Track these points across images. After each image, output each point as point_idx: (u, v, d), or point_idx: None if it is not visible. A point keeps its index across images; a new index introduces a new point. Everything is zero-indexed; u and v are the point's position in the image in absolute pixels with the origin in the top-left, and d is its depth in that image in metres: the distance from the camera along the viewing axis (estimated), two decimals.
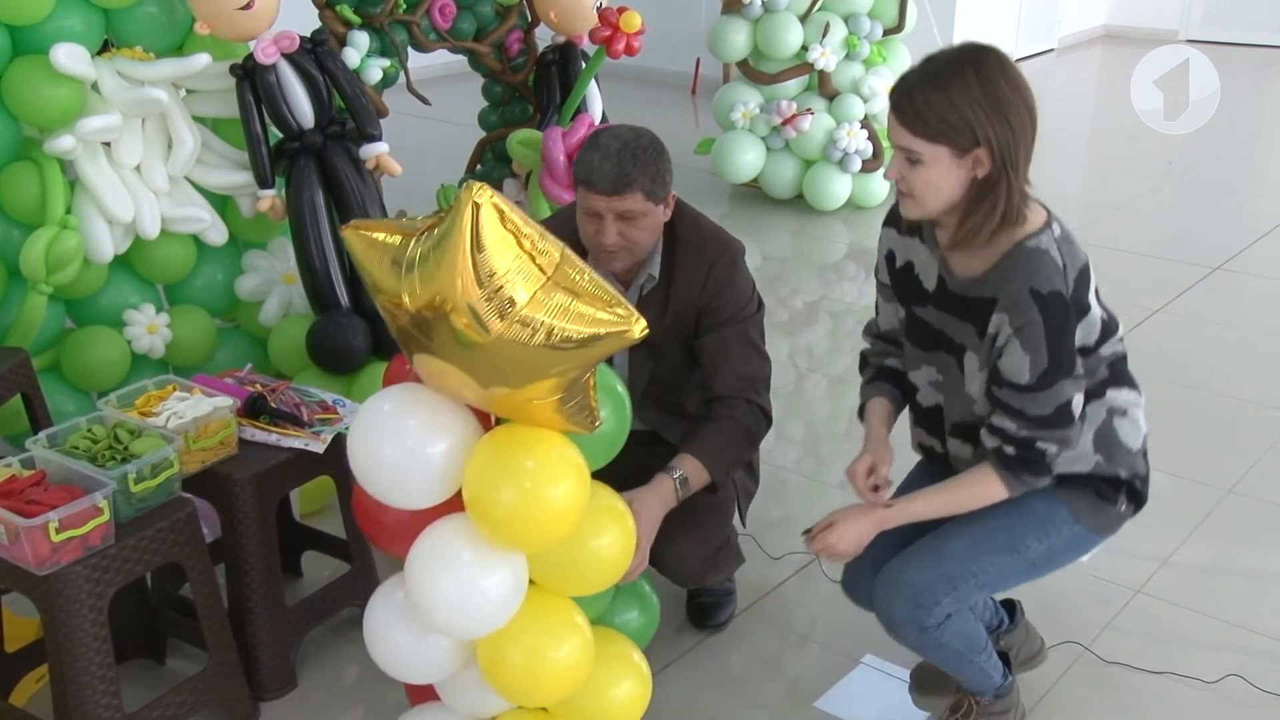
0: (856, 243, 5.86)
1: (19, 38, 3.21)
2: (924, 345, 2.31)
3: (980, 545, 2.27)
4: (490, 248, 1.63)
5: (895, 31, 6.15)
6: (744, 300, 2.63)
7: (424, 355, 1.83)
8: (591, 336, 1.70)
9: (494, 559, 1.92)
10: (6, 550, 2.18)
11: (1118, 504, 2.29)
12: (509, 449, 1.89)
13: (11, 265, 3.32)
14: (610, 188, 2.39)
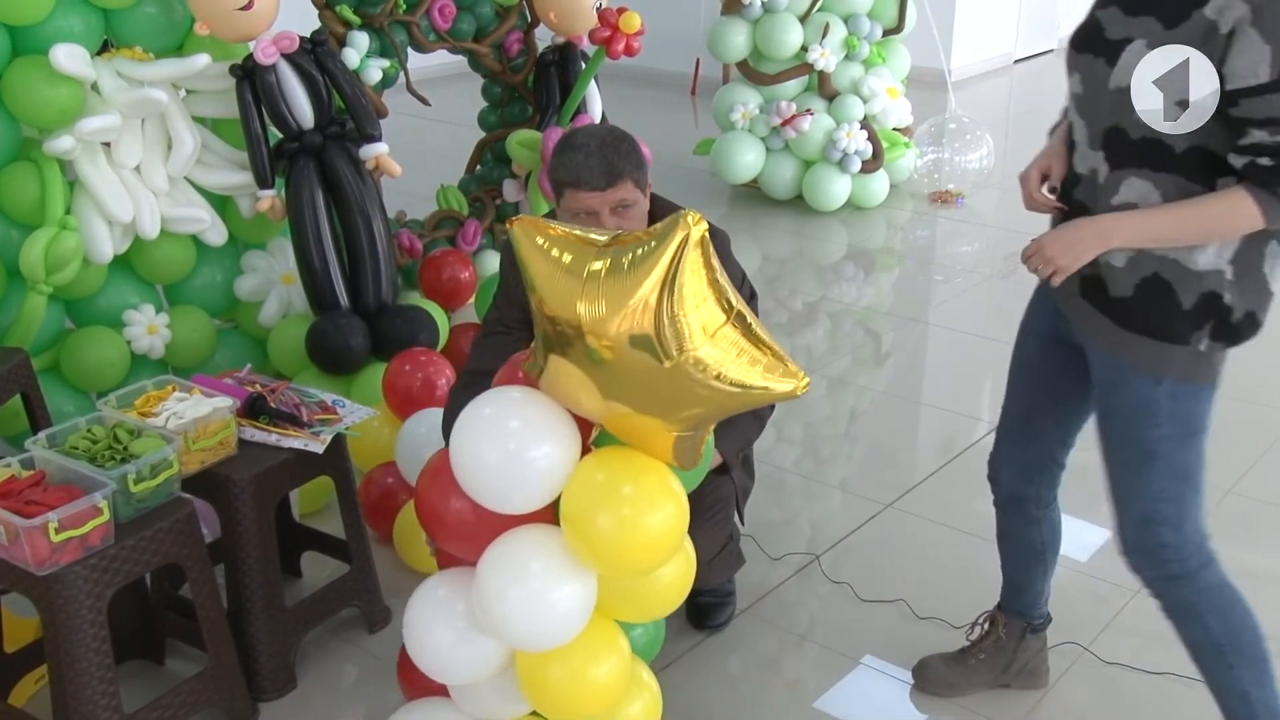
0: (856, 243, 5.86)
1: (18, 38, 3.22)
2: (1079, 48, 2.06)
3: (1129, 474, 2.17)
4: (688, 278, 1.66)
5: (895, 32, 6.16)
6: (735, 286, 2.62)
7: (559, 359, 1.83)
8: (757, 385, 1.72)
9: (568, 574, 1.92)
10: (6, 551, 2.18)
11: (1191, 343, 2.03)
12: (617, 471, 1.89)
13: (11, 265, 3.32)
14: (604, 181, 2.43)
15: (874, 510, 3.50)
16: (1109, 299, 2.08)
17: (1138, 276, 2.02)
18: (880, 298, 5.30)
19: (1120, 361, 2.11)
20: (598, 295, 1.70)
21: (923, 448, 4.01)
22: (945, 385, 4.45)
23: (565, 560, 1.93)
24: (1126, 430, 2.14)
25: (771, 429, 4.00)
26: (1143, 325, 2.05)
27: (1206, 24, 1.82)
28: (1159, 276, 2.01)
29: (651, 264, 1.65)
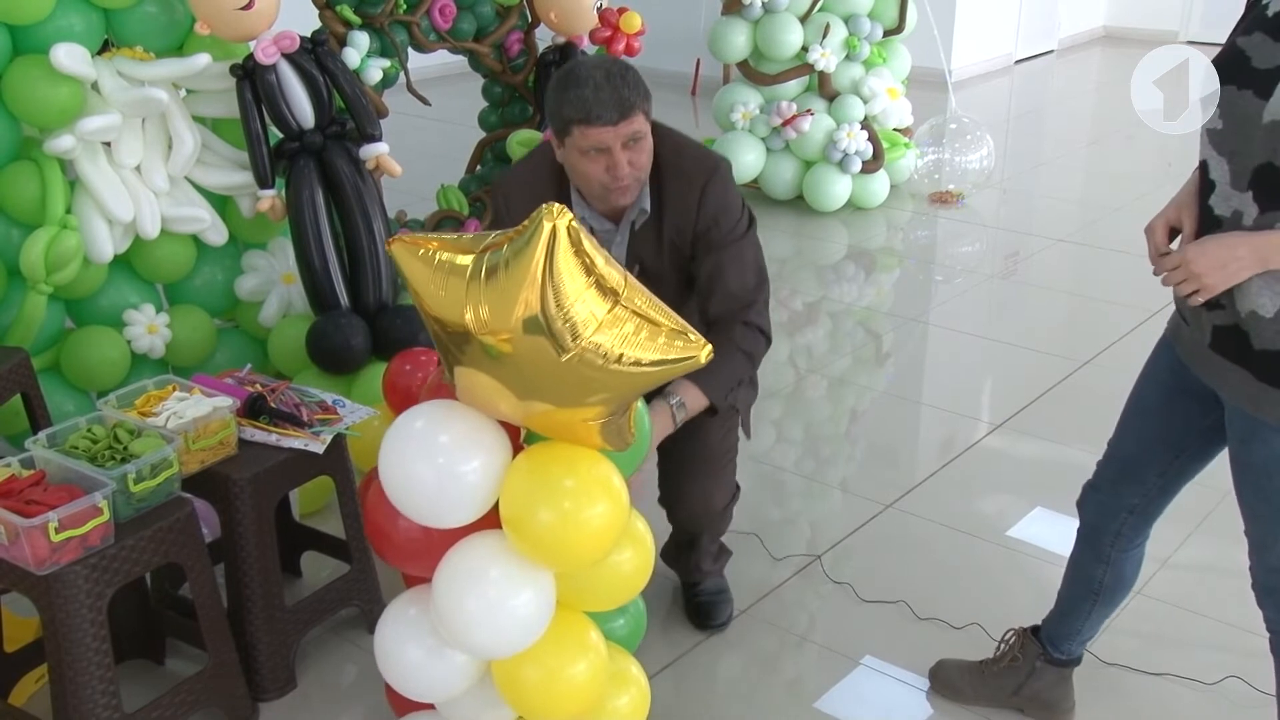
0: (856, 244, 5.86)
1: (19, 37, 3.21)
2: (1221, 78, 1.90)
3: (1263, 524, 2.08)
4: (563, 269, 1.64)
5: (895, 32, 6.16)
6: (735, 220, 2.59)
7: (464, 369, 1.83)
8: (658, 361, 1.72)
9: (523, 578, 1.92)
10: (6, 550, 2.18)
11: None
12: (549, 467, 1.89)
13: (11, 265, 3.32)
14: (617, 115, 2.34)
15: (875, 510, 3.50)
16: (1251, 351, 1.92)
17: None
18: (881, 298, 5.30)
19: (1258, 417, 1.97)
20: (481, 300, 1.70)
21: (923, 448, 4.01)
22: (946, 386, 4.45)
23: (518, 563, 1.92)
24: (1262, 483, 2.03)
25: (771, 429, 4.01)
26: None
27: None
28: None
29: (525, 263, 1.64)
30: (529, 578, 1.92)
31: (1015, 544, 3.31)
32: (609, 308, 1.69)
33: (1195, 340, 2.05)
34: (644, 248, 2.61)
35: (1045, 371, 4.34)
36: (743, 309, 2.58)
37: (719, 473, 2.83)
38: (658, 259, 2.61)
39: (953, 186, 6.35)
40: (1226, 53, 1.91)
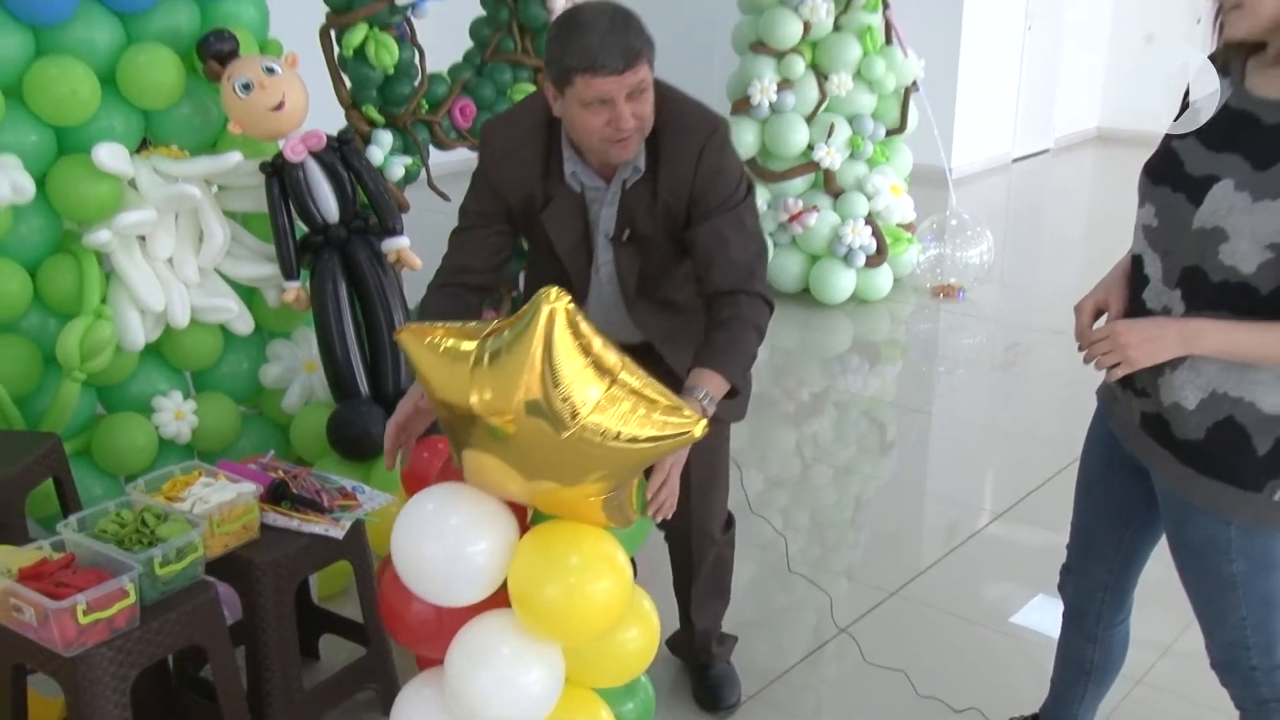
0: (860, 335, 5.90)
1: (64, 137, 3.29)
2: (1155, 179, 1.97)
3: (1208, 604, 2.09)
4: (560, 352, 1.69)
5: (897, 132, 6.24)
6: (735, 183, 2.41)
7: (472, 451, 1.86)
8: (655, 437, 1.76)
9: (533, 655, 1.94)
10: (35, 631, 2.18)
11: (1265, 490, 1.92)
12: (554, 545, 1.92)
13: (48, 353, 3.36)
14: (623, 63, 2.14)
15: (880, 598, 3.49)
16: (1175, 440, 1.97)
17: (1211, 420, 1.91)
18: (885, 389, 5.32)
19: (1186, 499, 2.00)
20: (484, 384, 1.74)
21: (927, 536, 4.00)
22: (948, 475, 4.46)
23: (528, 640, 1.94)
24: (1199, 563, 2.05)
25: (779, 516, 4.02)
26: (1212, 469, 1.94)
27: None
28: (1233, 420, 1.90)
29: (525, 346, 1.69)
30: (539, 655, 1.94)
31: (1017, 630, 3.29)
32: (606, 387, 1.73)
33: (1127, 418, 2.09)
34: (636, 208, 2.41)
35: (1045, 461, 4.35)
36: (747, 278, 2.40)
37: (715, 486, 2.80)
38: (649, 221, 2.42)
39: (954, 280, 6.40)
40: (1161, 153, 1.99)
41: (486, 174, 2.44)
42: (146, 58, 3.33)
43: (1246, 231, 1.78)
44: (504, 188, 2.41)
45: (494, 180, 2.43)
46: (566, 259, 2.48)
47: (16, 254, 3.30)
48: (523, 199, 2.41)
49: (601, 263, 2.51)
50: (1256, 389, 1.87)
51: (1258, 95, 1.86)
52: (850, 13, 5.94)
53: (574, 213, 2.43)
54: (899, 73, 6.11)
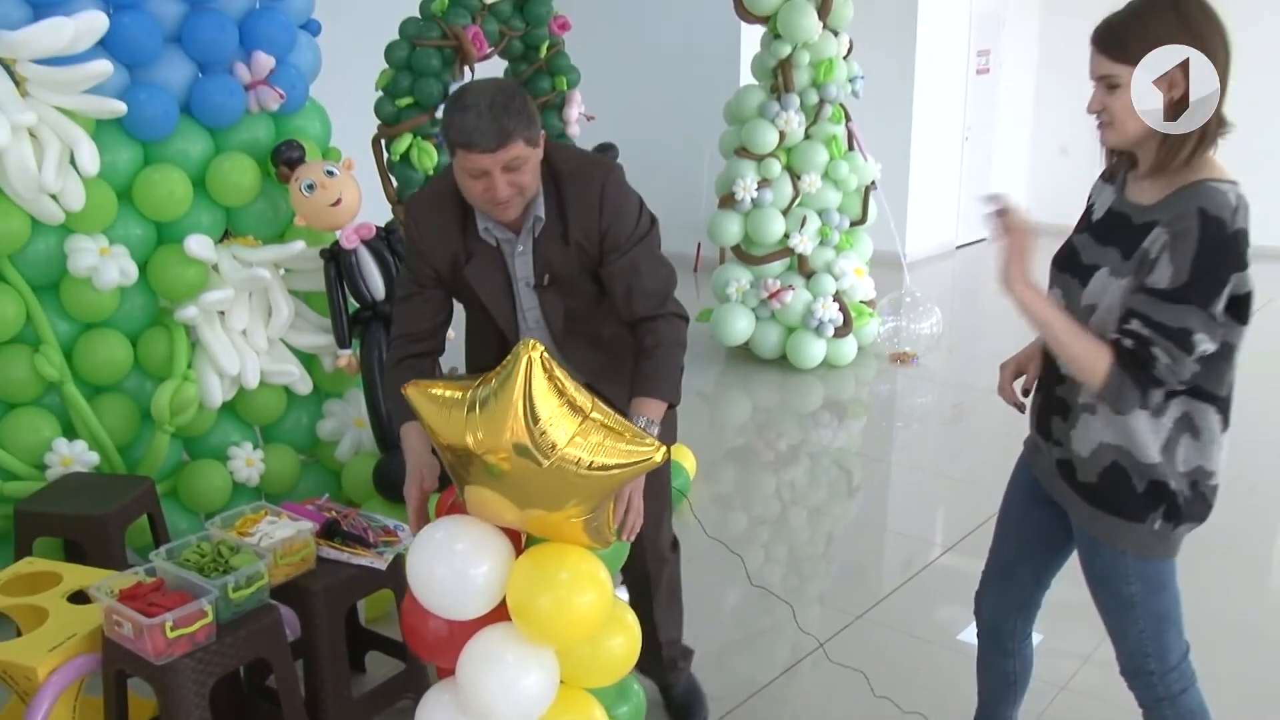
0: (830, 395, 5.92)
1: (162, 230, 3.37)
2: (1060, 267, 2.07)
3: (1114, 619, 2.13)
4: (538, 394, 1.74)
5: (860, 223, 6.28)
6: (638, 217, 2.31)
7: (473, 486, 1.90)
8: (622, 464, 1.79)
9: (532, 660, 1.96)
10: (132, 643, 2.21)
11: (1147, 521, 2.00)
12: (546, 563, 1.95)
13: (144, 409, 3.42)
14: (493, 143, 2.04)
15: (847, 620, 3.50)
16: (1080, 484, 2.07)
17: (1100, 466, 2.01)
18: (851, 441, 5.33)
19: (1091, 533, 2.08)
20: (477, 426, 1.78)
21: (887, 566, 4.01)
22: (906, 514, 4.47)
23: (526, 646, 1.96)
24: (1104, 586, 2.11)
25: (760, 550, 4.03)
26: (1106, 505, 2.03)
27: (1143, 253, 1.87)
28: (1117, 464, 1.99)
29: (509, 391, 1.74)
30: (537, 659, 1.96)
31: (963, 647, 3.27)
32: (579, 423, 1.76)
33: (1047, 464, 2.14)
34: (550, 254, 2.29)
35: (988, 502, 4.25)
36: (662, 303, 2.32)
37: (663, 509, 2.68)
38: (566, 264, 2.29)
39: (909, 349, 6.41)
40: (1065, 247, 2.09)
41: (413, 243, 2.32)
42: (231, 164, 3.42)
43: (1106, 305, 1.91)
44: (430, 252, 2.29)
45: (420, 248, 2.31)
46: (493, 308, 2.35)
47: (121, 326, 3.37)
48: (448, 260, 2.29)
49: (527, 308, 2.37)
50: (1131, 438, 1.96)
51: (1131, 200, 1.96)
52: (819, 124, 6.03)
53: (493, 265, 2.30)
54: (860, 174, 6.16)
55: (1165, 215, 1.84)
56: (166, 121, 3.29)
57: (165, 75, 3.32)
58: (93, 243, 3.18)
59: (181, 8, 3.35)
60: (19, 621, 2.50)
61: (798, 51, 5.85)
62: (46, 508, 2.99)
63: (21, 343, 3.23)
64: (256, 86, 3.45)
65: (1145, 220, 1.89)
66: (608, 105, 6.99)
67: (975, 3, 9.35)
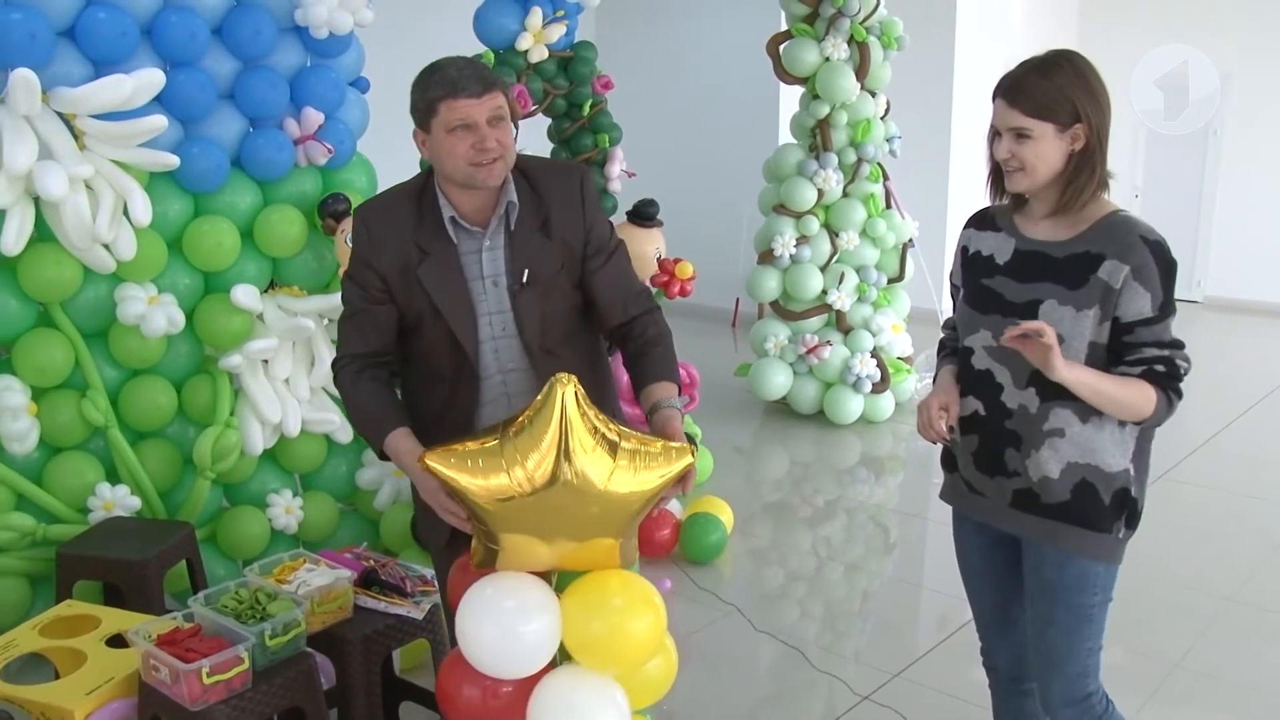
0: (868, 451, 5.88)
1: (209, 280, 3.41)
2: (984, 310, 2.18)
3: (1069, 636, 2.19)
4: (575, 421, 1.77)
5: (897, 280, 6.29)
6: (607, 220, 2.30)
7: (509, 535, 1.87)
8: (659, 480, 1.85)
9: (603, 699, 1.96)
10: (168, 688, 2.21)
11: (1113, 531, 2.14)
12: (592, 593, 1.96)
13: (186, 455, 3.44)
14: (481, 87, 2.02)
15: (885, 679, 3.43)
16: (1045, 505, 2.14)
17: (1071, 483, 2.11)
18: (888, 497, 5.28)
19: (1061, 548, 2.15)
20: (515, 463, 1.77)
21: (924, 624, 3.94)
22: (942, 571, 4.38)
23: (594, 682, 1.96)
24: (1070, 600, 2.17)
25: (796, 606, 3.98)
26: (1078, 519, 2.13)
27: (1102, 284, 2.02)
28: (1086, 480, 2.11)
29: (544, 422, 1.76)
30: (608, 697, 1.95)
31: None
32: (614, 452, 1.79)
33: (995, 503, 2.22)
34: (530, 248, 2.17)
35: None
36: (649, 300, 2.31)
37: None
38: (548, 260, 2.17)
39: None
40: (976, 291, 2.21)
41: (361, 252, 2.18)
42: (278, 216, 3.46)
43: (1076, 334, 2.04)
44: (378, 259, 2.14)
45: (368, 256, 2.16)
46: (450, 315, 2.15)
47: (167, 373, 3.40)
48: (398, 263, 2.13)
49: (493, 313, 2.19)
50: (1099, 455, 2.09)
51: (1038, 238, 2.13)
52: (857, 182, 6.06)
53: (450, 264, 2.14)
54: (897, 231, 6.18)
55: (1106, 248, 2.02)
56: (217, 174, 3.35)
57: (217, 130, 3.38)
58: (142, 291, 3.23)
59: (235, 65, 3.42)
60: (57, 664, 2.50)
61: (836, 112, 5.90)
62: (87, 551, 3.00)
63: (69, 388, 3.27)
64: (305, 141, 3.51)
65: (1071, 253, 2.06)
66: (649, 163, 7.05)
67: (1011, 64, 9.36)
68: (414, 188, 2.21)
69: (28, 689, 2.33)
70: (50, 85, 2.98)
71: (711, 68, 8.73)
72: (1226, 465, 5.44)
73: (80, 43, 3.09)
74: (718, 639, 3.65)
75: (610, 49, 7.08)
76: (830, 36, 5.79)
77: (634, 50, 8.96)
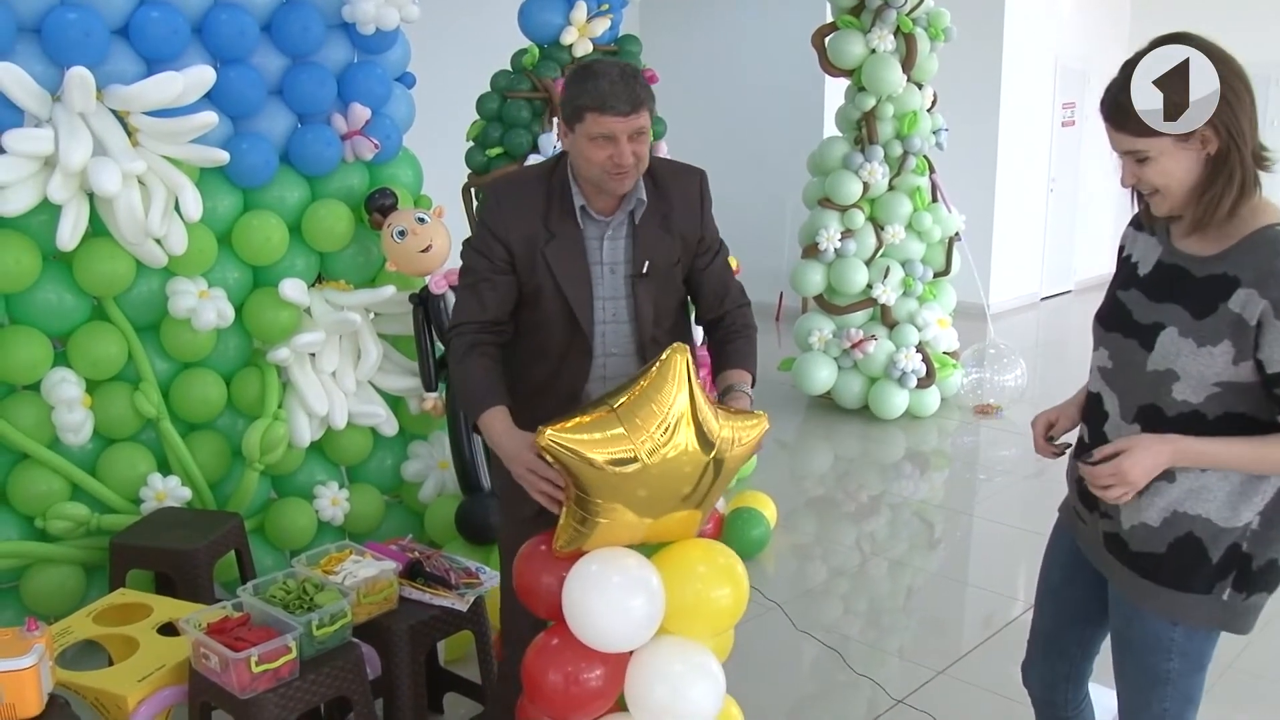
0: (913, 446, 5.83)
1: (258, 274, 3.46)
2: (1107, 326, 1.94)
3: (1137, 694, 1.99)
4: (698, 391, 1.87)
5: (943, 274, 6.23)
6: (716, 225, 2.41)
7: (609, 505, 1.88)
8: (751, 440, 1.96)
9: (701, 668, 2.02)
10: (218, 676, 2.23)
11: (1214, 592, 1.85)
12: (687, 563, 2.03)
13: (235, 447, 3.48)
14: (629, 107, 2.08)
15: (929, 676, 3.40)
16: (1134, 554, 1.92)
17: (1173, 536, 1.86)
18: (933, 493, 5.23)
19: (1142, 607, 1.93)
20: (639, 429, 1.83)
21: (969, 622, 3.90)
22: (988, 568, 4.35)
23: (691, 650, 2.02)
24: (1140, 659, 1.97)
25: (839, 602, 3.95)
26: (1168, 579, 1.87)
27: (1233, 317, 1.72)
28: (1193, 535, 1.84)
29: (668, 387, 1.85)
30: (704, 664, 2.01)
31: None
32: (717, 412, 1.91)
33: (1091, 535, 2.02)
34: (653, 240, 2.29)
35: None
36: (743, 294, 2.44)
37: None
38: (667, 253, 2.30)
39: (993, 400, 6.31)
40: (1110, 303, 1.96)
41: (489, 224, 2.26)
42: (326, 211, 3.50)
43: (1194, 373, 1.77)
44: (507, 233, 2.22)
45: (496, 228, 2.23)
46: (570, 294, 2.24)
47: (216, 366, 3.45)
48: (525, 241, 2.22)
49: (607, 298, 2.29)
50: (1210, 505, 1.82)
51: (1184, 251, 1.84)
52: (902, 175, 6.00)
53: (574, 248, 2.25)
54: (944, 225, 6.12)
55: (1243, 272, 1.72)
56: (266, 170, 3.39)
57: (266, 125, 3.42)
58: (193, 285, 3.27)
59: (284, 62, 3.45)
60: (111, 650, 2.55)
61: (882, 104, 5.84)
62: (140, 541, 3.05)
63: (123, 380, 3.32)
64: (352, 136, 3.54)
65: (1210, 273, 1.77)
66: (694, 156, 7.01)
67: (1060, 56, 9.24)
68: (546, 168, 2.30)
69: (82, 675, 2.37)
70: (104, 83, 3.03)
71: (756, 60, 8.68)
72: None
73: (133, 41, 3.14)
74: (759, 636, 3.64)
75: (654, 42, 7.07)
76: (876, 28, 5.73)
77: (678, 44, 8.94)
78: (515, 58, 4.37)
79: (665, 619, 1.99)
